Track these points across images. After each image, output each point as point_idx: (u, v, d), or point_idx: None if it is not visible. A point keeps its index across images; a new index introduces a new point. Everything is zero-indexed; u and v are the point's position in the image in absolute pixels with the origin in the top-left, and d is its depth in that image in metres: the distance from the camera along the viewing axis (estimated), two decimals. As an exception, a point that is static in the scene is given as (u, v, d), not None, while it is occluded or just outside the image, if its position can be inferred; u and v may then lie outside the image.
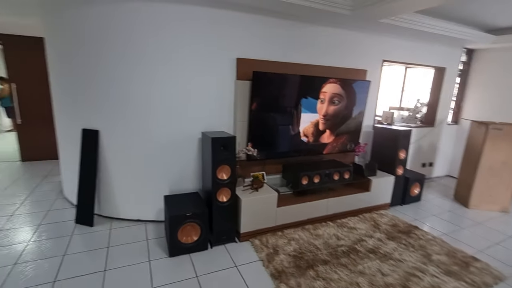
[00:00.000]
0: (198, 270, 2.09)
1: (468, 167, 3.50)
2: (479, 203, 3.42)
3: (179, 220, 2.19)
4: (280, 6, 2.50)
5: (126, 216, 2.78)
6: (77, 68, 2.58)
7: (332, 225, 2.84)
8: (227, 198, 2.38)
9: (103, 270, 2.05)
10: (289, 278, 2.03)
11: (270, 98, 2.68)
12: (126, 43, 2.39)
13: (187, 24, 2.43)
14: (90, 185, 2.65)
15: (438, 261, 2.33)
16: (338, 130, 3.14)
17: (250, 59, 2.69)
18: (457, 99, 4.54)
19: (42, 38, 3.09)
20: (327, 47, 3.07)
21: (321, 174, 2.84)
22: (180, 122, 2.61)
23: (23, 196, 3.26)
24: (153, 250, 2.32)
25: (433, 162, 4.47)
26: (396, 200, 3.40)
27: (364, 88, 3.17)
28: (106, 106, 2.55)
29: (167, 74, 2.49)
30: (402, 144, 3.24)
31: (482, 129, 3.30)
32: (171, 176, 2.71)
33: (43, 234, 2.49)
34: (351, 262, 2.26)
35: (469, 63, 4.37)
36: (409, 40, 3.64)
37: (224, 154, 2.30)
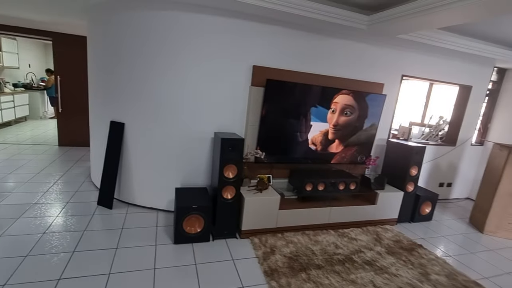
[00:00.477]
0: (197, 259, 2.27)
1: (486, 191, 3.36)
2: (495, 229, 3.26)
3: (185, 211, 2.39)
4: (298, 19, 2.63)
5: (141, 203, 3.04)
6: (112, 67, 2.89)
7: (333, 234, 2.88)
8: (231, 195, 2.53)
9: (115, 248, 2.29)
10: (280, 277, 2.13)
11: (281, 105, 2.80)
12: (160, 48, 2.65)
13: (214, 33, 2.64)
14: (112, 172, 2.94)
15: (436, 281, 2.29)
16: (348, 141, 3.18)
17: (267, 67, 2.84)
18: (484, 119, 4.34)
19: (85, 37, 3.49)
20: (343, 59, 3.14)
21: (326, 182, 2.90)
22: (197, 122, 2.83)
23: (57, 176, 3.67)
24: (160, 236, 2.53)
25: (451, 182, 4.30)
26: (404, 217, 3.35)
27: (379, 101, 3.18)
28: (133, 102, 2.83)
29: (193, 78, 2.71)
30: (414, 160, 3.20)
31: (504, 152, 3.16)
32: (184, 171, 2.93)
33: (69, 211, 2.82)
34: (345, 270, 2.30)
35: (500, 82, 4.17)
36: (433, 56, 3.58)
37: (231, 154, 2.46)
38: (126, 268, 2.07)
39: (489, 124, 4.33)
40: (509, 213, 3.18)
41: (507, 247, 3.05)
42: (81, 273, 1.97)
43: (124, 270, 2.04)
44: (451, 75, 3.78)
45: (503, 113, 4.18)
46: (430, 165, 4.08)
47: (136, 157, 2.95)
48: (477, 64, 3.85)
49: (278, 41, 2.85)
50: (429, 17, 2.19)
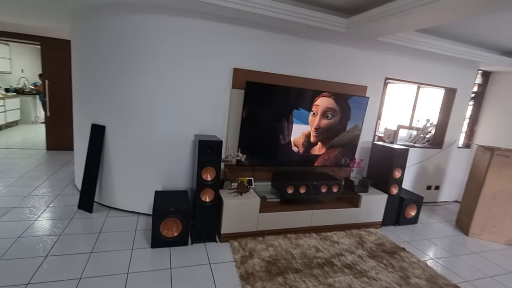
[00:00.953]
0: (173, 263, 2.23)
1: (471, 193, 3.35)
2: (480, 232, 3.24)
3: (162, 214, 2.36)
4: (276, 22, 2.64)
5: (122, 207, 3.01)
6: (92, 70, 2.89)
7: (315, 237, 2.85)
8: (210, 198, 2.51)
9: (90, 252, 2.25)
10: (256, 281, 2.10)
11: (261, 107, 2.80)
12: (137, 51, 2.65)
13: (191, 36, 2.65)
14: (93, 175, 2.92)
15: (415, 284, 2.27)
16: (331, 143, 3.17)
17: (248, 70, 2.85)
18: (470, 122, 4.35)
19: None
20: (326, 62, 3.15)
21: (308, 185, 2.88)
22: (177, 125, 2.82)
23: (41, 180, 3.64)
24: (138, 240, 2.50)
25: (439, 185, 4.29)
26: (389, 220, 3.32)
27: (361, 104, 3.18)
28: (113, 105, 2.82)
29: (171, 79, 2.71)
30: (397, 163, 3.19)
31: (487, 154, 3.16)
32: (165, 174, 2.90)
33: (48, 214, 2.78)
34: (323, 274, 2.27)
35: (484, 85, 4.20)
36: (416, 59, 3.60)
37: (210, 157, 2.45)
38: (98, 273, 2.03)
39: (476, 127, 4.34)
40: (493, 215, 3.17)
41: (491, 249, 3.03)
42: (51, 278, 1.93)
43: (95, 275, 2.01)
44: (436, 78, 3.80)
45: (489, 116, 4.20)
46: (417, 168, 4.07)
47: (117, 160, 2.93)
48: (461, 67, 3.87)
49: (259, 44, 2.86)
50: (403, 18, 2.20)
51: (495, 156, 3.06)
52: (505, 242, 3.18)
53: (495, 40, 3.27)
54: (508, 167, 3.05)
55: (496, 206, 3.15)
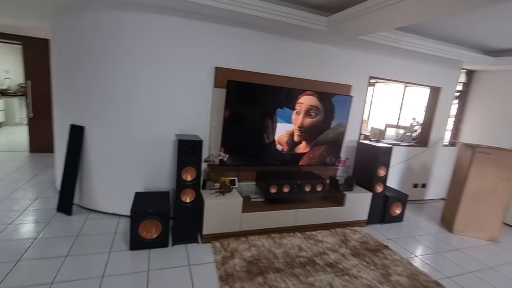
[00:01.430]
0: (151, 265, 2.18)
1: (455, 190, 3.37)
2: (464, 229, 3.27)
3: (141, 215, 2.31)
4: (257, 20, 2.62)
5: (103, 209, 2.95)
6: (70, 69, 2.83)
7: (300, 236, 2.83)
8: (190, 199, 2.47)
9: (65, 256, 2.19)
10: (235, 282, 2.06)
11: (243, 106, 2.77)
12: (110, 47, 2.60)
13: (170, 34, 2.61)
14: (72, 177, 2.85)
15: (396, 281, 2.26)
16: (316, 141, 3.16)
17: (230, 69, 2.82)
18: (455, 120, 4.39)
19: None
20: (309, 61, 3.14)
21: (292, 184, 2.86)
22: (158, 124, 2.77)
23: (20, 183, 3.54)
24: (117, 243, 2.44)
25: (426, 183, 4.32)
26: (374, 218, 3.33)
27: (345, 102, 3.18)
28: (92, 104, 2.76)
29: (149, 78, 2.66)
30: (381, 161, 3.20)
31: (469, 152, 3.19)
32: (146, 175, 2.85)
33: (25, 218, 2.70)
34: (305, 273, 2.25)
35: (468, 84, 4.25)
36: (401, 59, 3.62)
37: (190, 156, 2.41)
38: (71, 277, 1.97)
39: (461, 125, 4.38)
40: (476, 212, 3.20)
41: (474, 246, 3.05)
42: (21, 283, 1.86)
43: (68, 279, 1.94)
44: (420, 76, 3.83)
45: (473, 114, 4.25)
46: (403, 167, 4.09)
47: (97, 161, 2.86)
48: (445, 66, 3.91)
49: (241, 42, 2.83)
50: (381, 16, 2.20)
51: (476, 154, 3.09)
52: (487, 238, 3.21)
53: (477, 39, 3.30)
54: (489, 164, 3.08)
55: (478, 203, 3.17)
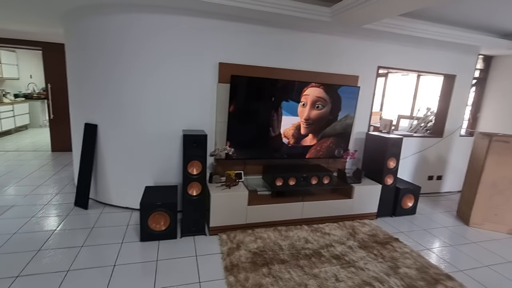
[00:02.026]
0: (160, 255, 2.27)
1: (471, 181, 3.23)
2: (481, 221, 3.13)
3: (149, 208, 2.40)
4: (260, 15, 2.62)
5: (117, 203, 3.08)
6: (82, 71, 2.97)
7: (307, 229, 2.83)
8: (197, 192, 2.53)
9: (80, 246, 2.32)
10: (240, 272, 2.10)
11: (248, 100, 2.79)
12: (120, 50, 2.70)
13: (175, 33, 2.67)
14: (87, 173, 3.00)
15: (404, 274, 2.21)
16: (323, 133, 3.13)
17: (233, 64, 2.85)
18: (473, 109, 4.19)
19: (65, 45, 3.59)
20: (314, 52, 3.11)
21: (298, 177, 2.86)
22: (166, 121, 2.85)
23: (43, 180, 3.77)
24: (129, 234, 2.55)
25: (441, 175, 4.16)
26: (385, 211, 3.26)
27: (352, 94, 3.12)
28: (104, 104, 2.89)
29: (157, 76, 2.74)
30: (391, 152, 3.12)
31: (485, 141, 3.04)
32: (156, 170, 2.95)
33: (46, 212, 2.88)
34: (310, 265, 2.25)
35: (486, 70, 4.03)
36: (410, 46, 3.50)
37: (195, 151, 2.47)
38: (86, 265, 2.09)
39: (478, 114, 4.18)
40: (495, 204, 3.05)
41: (492, 239, 2.92)
42: (41, 270, 2.00)
43: (83, 267, 2.07)
44: (432, 64, 3.68)
45: (492, 102, 4.03)
46: (417, 158, 3.96)
47: (110, 157, 3.00)
48: (460, 52, 3.73)
49: (243, 37, 2.85)
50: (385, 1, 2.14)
51: (493, 142, 2.94)
52: (507, 231, 3.06)
53: (494, 22, 3.12)
54: (507, 153, 2.92)
55: (497, 194, 3.03)
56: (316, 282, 2.05)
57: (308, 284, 2.02)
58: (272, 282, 2.02)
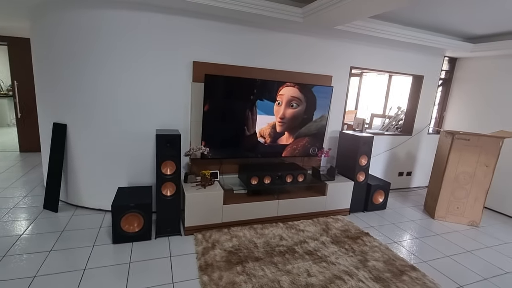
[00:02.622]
0: (133, 257, 2.24)
1: (435, 177, 3.43)
2: (445, 214, 3.33)
3: (121, 209, 2.36)
4: (234, 13, 2.63)
5: (89, 205, 3.00)
6: (50, 68, 2.84)
7: (282, 226, 2.89)
8: (171, 192, 2.52)
9: (48, 251, 2.25)
10: (214, 271, 2.12)
11: (222, 100, 2.80)
12: (94, 47, 2.62)
13: (148, 30, 2.62)
14: (56, 174, 2.89)
15: (372, 267, 2.33)
16: (298, 133, 3.20)
17: (207, 63, 2.84)
18: (439, 108, 4.43)
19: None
20: (289, 52, 3.16)
21: (273, 175, 2.91)
22: (139, 120, 2.80)
23: (10, 182, 3.58)
24: (101, 237, 2.50)
25: (411, 171, 4.38)
26: (357, 207, 3.39)
27: (326, 93, 3.21)
28: (73, 103, 2.79)
29: (129, 75, 2.68)
30: (362, 150, 3.25)
31: (449, 138, 3.24)
32: (129, 170, 2.90)
33: (12, 215, 2.75)
34: (283, 261, 2.32)
35: (451, 71, 4.27)
36: (382, 48, 3.64)
37: (169, 150, 2.45)
38: (54, 270, 2.03)
39: (444, 113, 4.42)
40: (456, 197, 3.26)
41: (454, 231, 3.13)
42: (6, 277, 1.92)
43: (51, 272, 2.00)
44: (402, 65, 3.85)
45: (457, 101, 4.28)
46: (388, 155, 4.14)
47: (80, 158, 2.90)
48: (427, 54, 3.93)
49: (218, 36, 2.85)
50: (353, 4, 2.22)
51: (455, 140, 3.14)
52: (468, 223, 3.29)
53: (457, 26, 3.31)
54: (467, 150, 3.13)
55: (458, 189, 3.23)
56: (289, 278, 2.11)
57: (281, 280, 2.08)
58: (245, 279, 2.06)
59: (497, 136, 3.02)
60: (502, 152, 3.63)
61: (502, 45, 3.37)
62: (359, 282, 2.13)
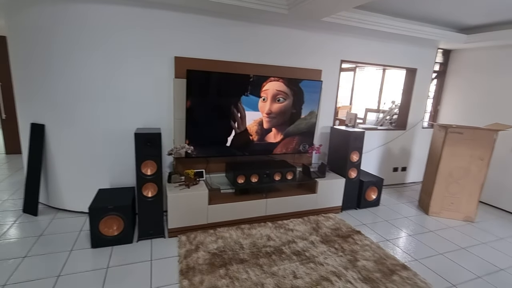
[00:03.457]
0: (111, 262, 2.14)
1: (429, 173, 3.34)
2: (439, 210, 3.25)
3: (100, 212, 2.26)
4: (216, 7, 2.51)
5: (70, 208, 2.90)
6: (25, 66, 2.72)
7: (270, 226, 2.80)
8: (153, 193, 2.41)
9: (23, 257, 2.14)
10: (195, 275, 2.03)
11: (205, 96, 2.69)
12: (72, 43, 2.49)
13: (128, 25, 2.50)
14: (34, 177, 2.78)
15: (362, 267, 2.24)
16: (287, 131, 3.09)
17: (190, 58, 2.73)
18: (434, 102, 4.33)
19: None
20: (276, 46, 3.05)
21: (260, 173, 2.81)
22: (120, 119, 2.69)
23: (-9, 185, 3.48)
24: (80, 241, 2.40)
25: (406, 167, 4.29)
26: (350, 204, 3.30)
27: (315, 88, 3.10)
28: (52, 102, 2.67)
29: (108, 71, 2.57)
30: (354, 146, 3.15)
31: (442, 132, 3.14)
32: (111, 171, 2.79)
33: (-12, 221, 2.65)
34: (269, 263, 2.22)
35: (445, 64, 4.17)
36: (373, 40, 3.53)
37: (149, 150, 2.34)
38: (26, 278, 1.92)
39: (439, 107, 4.33)
40: (451, 193, 3.17)
41: (448, 227, 3.04)
42: (-29, 286, 1.82)
43: (22, 280, 1.90)
44: (394, 58, 3.74)
45: (451, 94, 4.18)
46: (382, 151, 4.05)
47: (60, 159, 2.79)
48: (420, 46, 3.82)
49: (201, 30, 2.73)
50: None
51: (449, 134, 3.04)
52: (463, 219, 3.20)
53: (448, 16, 3.21)
54: (461, 144, 3.04)
55: (453, 184, 3.15)
56: (274, 281, 2.01)
57: (265, 283, 1.99)
58: (227, 283, 1.96)
59: (491, 129, 2.92)
60: (497, 145, 3.54)
61: (496, 35, 3.27)
62: (347, 283, 2.04)
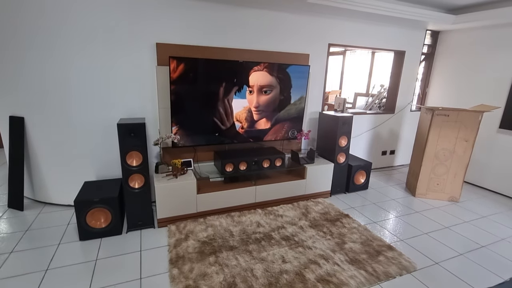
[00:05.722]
0: (100, 254, 2.14)
1: (416, 155, 3.39)
2: (426, 191, 3.32)
3: (85, 205, 2.23)
4: (196, -13, 2.41)
5: (57, 201, 2.85)
6: None
7: (260, 212, 2.82)
8: (139, 184, 2.39)
9: (9, 252, 2.12)
10: (185, 263, 2.04)
11: (189, 84, 2.62)
12: (37, 27, 2.37)
13: (104, 7, 2.38)
14: (18, 171, 2.71)
15: (349, 249, 2.29)
16: (277, 117, 3.06)
17: (172, 44, 2.63)
18: (422, 84, 4.34)
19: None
20: (262, 30, 2.97)
21: (248, 161, 2.80)
22: (101, 109, 2.61)
23: (-26, 181, 3.39)
24: (68, 234, 2.38)
25: (394, 150, 4.34)
26: (339, 188, 3.34)
27: (302, 73, 3.06)
28: (30, 93, 2.56)
29: (84, 59, 2.47)
30: (342, 131, 3.15)
31: (429, 115, 3.16)
32: (97, 163, 2.74)
33: (-28, 217, 2.59)
34: (259, 249, 2.25)
35: (434, 46, 4.14)
36: (360, 23, 3.46)
37: (133, 141, 2.29)
38: (13, 273, 1.91)
39: (427, 89, 4.34)
40: (437, 174, 3.23)
41: (433, 207, 3.12)
42: (-44, 284, 1.80)
43: (10, 275, 1.89)
44: (382, 41, 3.69)
45: (439, 77, 4.19)
46: (371, 135, 4.07)
47: (44, 153, 2.72)
48: (408, 28, 3.78)
49: (184, 14, 2.62)
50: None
51: (435, 116, 3.07)
52: (448, 199, 3.29)
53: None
54: (447, 126, 3.07)
55: (438, 165, 3.20)
56: (263, 266, 2.05)
57: (254, 268, 2.02)
58: (217, 270, 1.99)
59: (476, 111, 2.95)
60: (482, 126, 3.59)
61: (484, 15, 3.24)
62: (334, 265, 2.09)
